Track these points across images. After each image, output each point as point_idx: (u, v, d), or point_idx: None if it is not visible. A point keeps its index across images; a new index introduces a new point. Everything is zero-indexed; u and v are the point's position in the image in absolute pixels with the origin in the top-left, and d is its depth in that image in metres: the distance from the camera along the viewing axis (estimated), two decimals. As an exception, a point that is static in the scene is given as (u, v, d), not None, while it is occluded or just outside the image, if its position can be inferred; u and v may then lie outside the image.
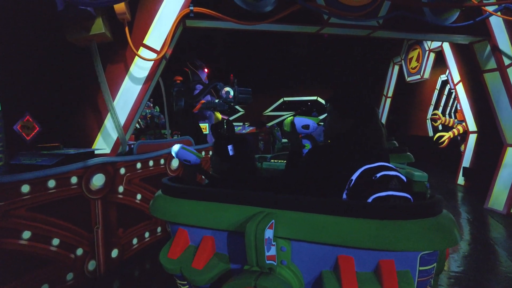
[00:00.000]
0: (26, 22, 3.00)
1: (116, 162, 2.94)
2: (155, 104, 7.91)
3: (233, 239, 1.38)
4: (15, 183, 2.19)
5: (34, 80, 3.06)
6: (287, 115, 12.55)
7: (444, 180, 7.09)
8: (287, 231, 1.25)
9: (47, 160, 2.53)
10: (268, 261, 1.20)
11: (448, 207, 4.94)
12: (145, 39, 3.40)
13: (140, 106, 3.45)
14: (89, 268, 2.72)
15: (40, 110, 2.95)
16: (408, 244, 1.10)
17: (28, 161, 2.53)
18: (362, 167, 1.30)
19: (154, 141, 3.75)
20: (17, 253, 2.22)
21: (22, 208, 2.24)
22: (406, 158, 3.91)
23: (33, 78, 3.04)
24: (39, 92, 3.09)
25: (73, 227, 2.59)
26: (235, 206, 1.37)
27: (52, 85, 3.18)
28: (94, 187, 2.74)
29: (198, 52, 7.76)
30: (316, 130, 1.72)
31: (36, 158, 2.56)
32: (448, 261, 3.11)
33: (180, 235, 1.48)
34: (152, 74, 3.44)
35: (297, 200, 1.28)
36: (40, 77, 3.09)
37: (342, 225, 1.17)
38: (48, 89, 3.17)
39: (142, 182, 3.26)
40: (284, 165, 2.92)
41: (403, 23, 4.41)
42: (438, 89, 9.16)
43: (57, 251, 2.47)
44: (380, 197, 1.20)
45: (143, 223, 3.31)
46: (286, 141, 7.08)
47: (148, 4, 3.42)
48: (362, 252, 1.17)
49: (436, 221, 1.14)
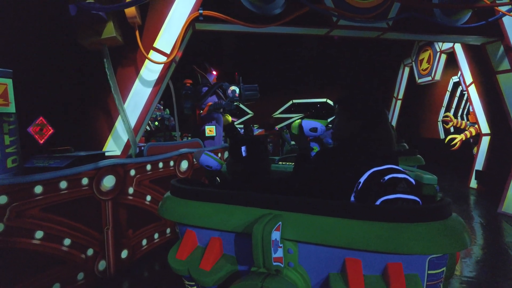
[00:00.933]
0: (39, 27, 3.07)
1: (126, 163, 2.98)
2: (165, 107, 7.99)
3: (241, 241, 1.39)
4: (29, 184, 2.24)
5: (47, 83, 3.13)
6: (296, 117, 12.53)
7: (456, 183, 6.97)
8: (294, 233, 1.25)
9: (59, 162, 2.59)
10: (275, 263, 1.20)
11: (460, 211, 4.87)
12: (155, 43, 3.44)
13: (150, 108, 3.49)
14: (99, 268, 2.76)
15: (52, 113, 3.01)
16: (416, 247, 1.09)
17: (41, 164, 2.59)
18: (370, 170, 1.29)
19: (164, 143, 3.80)
20: (30, 253, 2.27)
21: (35, 208, 2.29)
22: (416, 160, 3.87)
23: (46, 81, 3.11)
24: (51, 95, 3.16)
25: (84, 227, 2.64)
26: (243, 208, 1.38)
27: (64, 88, 3.25)
28: (104, 188, 2.78)
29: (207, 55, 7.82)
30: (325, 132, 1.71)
31: (49, 161, 2.62)
32: (460, 266, 3.06)
33: (188, 236, 1.49)
34: (162, 77, 3.48)
35: (304, 202, 1.28)
36: (53, 80, 3.16)
37: (350, 227, 1.17)
38: (61, 92, 3.24)
39: (152, 184, 3.29)
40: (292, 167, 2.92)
41: (413, 24, 4.37)
42: (449, 91, 9.02)
43: (68, 251, 2.51)
44: (388, 199, 1.19)
45: (153, 224, 3.34)
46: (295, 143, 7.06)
47: (158, 8, 3.46)
48: (370, 255, 1.17)
49: (445, 224, 1.12)
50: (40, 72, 3.09)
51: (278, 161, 3.28)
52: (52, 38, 3.15)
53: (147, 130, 7.14)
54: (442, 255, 1.16)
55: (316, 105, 12.89)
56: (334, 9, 3.95)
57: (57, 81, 3.20)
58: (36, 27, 3.06)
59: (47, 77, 3.13)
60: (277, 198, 1.32)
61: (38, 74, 3.07)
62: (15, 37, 2.96)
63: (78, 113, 3.32)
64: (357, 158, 1.42)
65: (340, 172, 1.43)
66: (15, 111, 2.30)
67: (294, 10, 3.84)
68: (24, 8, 3.01)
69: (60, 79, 3.23)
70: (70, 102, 3.30)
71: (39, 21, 3.08)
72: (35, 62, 3.06)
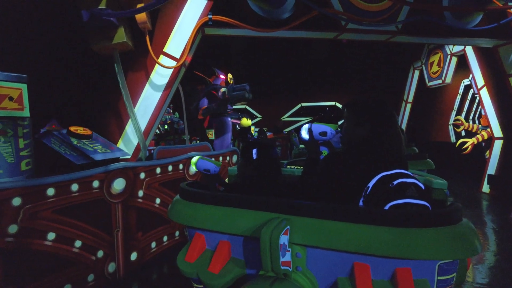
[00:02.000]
0: (52, 33, 3.15)
1: (136, 167, 3.02)
2: (174, 110, 8.07)
3: (249, 244, 1.40)
4: (42, 186, 2.28)
5: (59, 87, 3.19)
6: (304, 121, 12.51)
7: (468, 188, 6.86)
8: (302, 238, 1.26)
9: (75, 157, 2.61)
10: (283, 267, 1.20)
11: (472, 216, 4.78)
12: (165, 47, 3.49)
13: (160, 112, 3.54)
14: (109, 270, 2.79)
15: (64, 117, 3.07)
16: (425, 253, 1.08)
17: (57, 147, 2.60)
18: (379, 175, 1.28)
19: (173, 147, 3.83)
20: (42, 254, 2.31)
21: (47, 210, 2.33)
22: (426, 164, 3.82)
23: (58, 86, 3.18)
24: (63, 99, 3.23)
25: (95, 229, 2.67)
26: (251, 211, 1.39)
27: (76, 92, 3.31)
28: (115, 191, 2.81)
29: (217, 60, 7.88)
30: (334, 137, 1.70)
31: (65, 148, 2.62)
32: (472, 272, 3.00)
33: (197, 239, 1.50)
34: (172, 81, 3.52)
35: (312, 207, 1.28)
36: (65, 85, 3.23)
37: (358, 232, 1.17)
38: (73, 96, 3.30)
39: (161, 187, 3.33)
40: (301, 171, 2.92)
41: (423, 27, 4.34)
42: (460, 94, 8.91)
43: (79, 253, 2.55)
44: (397, 204, 1.19)
45: (162, 227, 3.37)
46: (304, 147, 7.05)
47: (168, 13, 3.52)
48: (379, 260, 1.16)
49: (455, 229, 1.11)
50: (52, 77, 3.16)
51: (287, 165, 3.28)
52: (64, 44, 3.22)
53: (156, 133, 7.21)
54: (452, 261, 1.15)
55: (325, 108, 12.84)
56: (343, 13, 3.95)
57: (69, 85, 3.27)
58: (49, 33, 3.13)
59: (60, 81, 3.20)
60: (285, 202, 1.33)
61: (50, 79, 3.14)
62: (29, 42, 3.04)
63: (90, 116, 3.38)
64: (364, 162, 1.42)
65: (347, 177, 1.43)
66: (29, 115, 2.36)
67: (303, 14, 3.86)
68: (38, 14, 3.09)
69: (72, 84, 3.30)
70: (82, 106, 3.37)
71: (52, 27, 3.15)
72: (48, 67, 3.13)
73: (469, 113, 8.60)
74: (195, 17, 3.59)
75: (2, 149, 2.16)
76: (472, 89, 7.98)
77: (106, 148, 2.96)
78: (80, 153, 2.67)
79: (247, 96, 5.03)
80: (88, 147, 2.79)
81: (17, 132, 2.25)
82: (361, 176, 1.36)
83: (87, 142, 2.83)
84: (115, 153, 3.00)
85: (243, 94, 4.99)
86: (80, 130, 2.86)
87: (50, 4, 3.17)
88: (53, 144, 2.62)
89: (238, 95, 4.98)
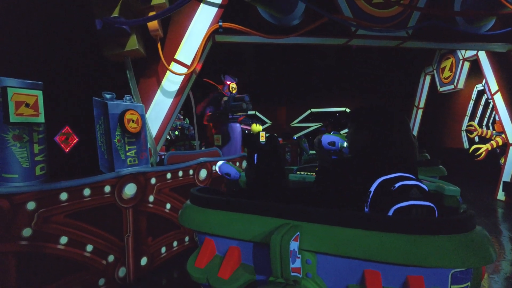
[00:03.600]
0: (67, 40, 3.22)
1: (147, 172, 3.05)
2: (185, 116, 8.14)
3: (259, 250, 1.39)
4: (55, 191, 2.33)
5: (72, 94, 3.26)
6: (314, 126, 12.46)
7: (483, 195, 6.71)
8: (312, 244, 1.25)
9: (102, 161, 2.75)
10: (293, 273, 1.20)
11: (487, 224, 4.67)
12: (176, 54, 3.54)
13: (171, 118, 3.58)
14: (120, 274, 2.81)
15: (78, 122, 3.13)
16: (438, 260, 1.06)
17: (99, 132, 2.79)
18: (378, 179, 1.28)
19: (183, 152, 3.86)
20: (55, 257, 2.34)
21: (60, 215, 2.37)
22: (438, 171, 3.76)
23: (72, 92, 3.25)
24: (77, 105, 3.29)
25: (106, 234, 2.70)
26: (261, 217, 1.39)
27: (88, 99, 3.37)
28: (126, 196, 2.85)
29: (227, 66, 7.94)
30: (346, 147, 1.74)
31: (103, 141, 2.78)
32: (488, 282, 2.93)
33: (207, 244, 1.51)
34: (182, 88, 3.57)
35: (322, 213, 1.27)
36: (78, 91, 3.29)
37: (369, 239, 1.16)
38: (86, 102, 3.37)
39: (172, 192, 3.35)
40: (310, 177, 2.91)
41: (434, 32, 4.31)
42: (473, 99, 8.77)
43: (90, 257, 2.58)
44: (401, 207, 1.18)
45: (172, 232, 3.39)
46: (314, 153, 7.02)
47: (180, 21, 3.57)
48: (390, 267, 1.15)
49: (469, 237, 1.09)
50: (66, 83, 3.23)
51: (297, 171, 3.28)
52: (78, 51, 3.30)
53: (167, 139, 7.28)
54: (466, 269, 1.13)
55: (335, 114, 12.77)
56: (353, 19, 3.96)
57: (82, 91, 3.33)
58: (64, 41, 3.21)
59: (73, 87, 3.27)
60: (295, 209, 1.33)
61: (65, 85, 3.21)
62: (45, 50, 3.12)
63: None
64: (365, 168, 1.42)
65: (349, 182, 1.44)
66: (44, 121, 2.41)
67: (312, 20, 3.87)
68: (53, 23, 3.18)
69: (85, 90, 3.36)
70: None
71: (67, 35, 3.23)
72: (62, 74, 3.21)
73: (483, 118, 8.45)
74: (206, 25, 3.64)
75: (18, 154, 2.21)
76: (485, 94, 7.84)
77: (137, 157, 3.01)
78: (110, 159, 2.75)
79: (245, 107, 5.08)
80: (121, 153, 2.85)
81: (32, 138, 2.31)
82: (361, 181, 1.36)
83: (127, 141, 2.88)
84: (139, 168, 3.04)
85: (241, 105, 5.08)
86: (132, 122, 2.89)
87: (65, 13, 3.26)
88: (98, 125, 2.74)
89: (236, 105, 5.08)
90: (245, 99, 5.09)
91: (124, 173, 2.82)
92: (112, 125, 2.75)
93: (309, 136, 12.03)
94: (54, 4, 3.20)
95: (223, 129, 5.30)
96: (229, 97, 5.07)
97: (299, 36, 4.00)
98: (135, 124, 2.91)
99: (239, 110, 5.14)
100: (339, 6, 4.06)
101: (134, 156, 2.95)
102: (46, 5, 3.16)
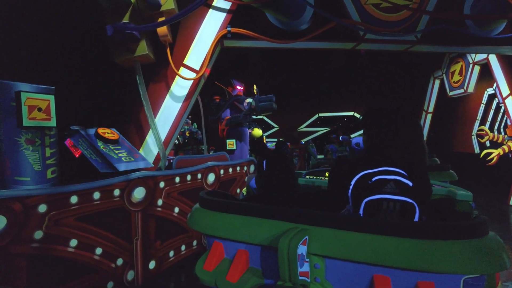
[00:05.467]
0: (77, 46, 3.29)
1: (156, 176, 3.07)
2: (193, 121, 8.19)
3: (267, 254, 1.39)
4: (66, 194, 2.36)
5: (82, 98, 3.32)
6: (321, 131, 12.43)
7: (495, 201, 6.58)
8: (321, 248, 1.24)
9: (100, 164, 2.68)
10: (301, 277, 1.19)
11: (499, 230, 4.58)
12: (185, 59, 3.58)
13: (180, 122, 3.61)
14: (128, 278, 2.82)
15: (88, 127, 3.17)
16: (449, 266, 1.05)
17: (84, 150, 2.70)
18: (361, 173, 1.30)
19: (192, 156, 3.89)
20: (64, 260, 2.37)
21: (70, 218, 2.40)
22: (448, 176, 3.71)
23: (83, 97, 3.30)
24: (87, 109, 3.35)
25: (115, 237, 2.72)
26: (269, 221, 1.39)
27: (99, 103, 3.43)
28: (135, 200, 2.87)
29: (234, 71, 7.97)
30: None
31: (91, 153, 2.70)
32: (501, 290, 2.86)
33: (215, 247, 1.51)
34: (191, 93, 3.60)
35: (331, 217, 1.27)
36: (89, 96, 3.35)
37: (379, 243, 1.15)
38: (96, 106, 3.42)
39: (180, 196, 3.36)
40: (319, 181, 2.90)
41: (444, 36, 4.27)
42: (484, 103, 8.64)
43: (99, 260, 2.59)
44: (371, 200, 1.18)
45: (180, 236, 3.39)
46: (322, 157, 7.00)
47: (189, 26, 3.61)
48: (400, 272, 1.13)
49: (482, 243, 1.08)
50: (77, 88, 3.28)
51: (305, 175, 3.27)
52: (89, 57, 3.36)
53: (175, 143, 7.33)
54: (478, 276, 1.11)
55: (343, 118, 12.70)
56: (361, 23, 3.95)
57: (92, 96, 3.39)
58: (74, 47, 3.28)
59: (83, 92, 3.33)
60: (304, 212, 1.32)
61: (75, 90, 3.27)
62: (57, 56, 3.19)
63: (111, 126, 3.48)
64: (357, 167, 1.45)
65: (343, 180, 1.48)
66: (55, 125, 2.45)
67: (320, 25, 3.88)
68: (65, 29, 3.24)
69: (95, 95, 3.42)
70: (104, 116, 3.47)
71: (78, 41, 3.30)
72: (73, 79, 3.27)
73: (494, 123, 8.32)
74: (214, 30, 3.68)
75: (30, 158, 2.25)
76: (496, 98, 7.73)
77: (131, 156, 3.01)
78: (105, 160, 2.74)
79: (274, 107, 5.08)
80: (113, 154, 2.85)
81: (44, 141, 2.35)
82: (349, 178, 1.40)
83: (112, 148, 2.90)
84: (138, 163, 3.05)
85: (271, 105, 5.04)
86: (108, 133, 2.92)
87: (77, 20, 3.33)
88: (80, 146, 2.71)
89: (265, 105, 5.02)
90: (272, 99, 5.05)
91: (133, 176, 2.84)
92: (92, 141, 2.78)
93: (317, 140, 11.98)
94: (66, 11, 3.27)
95: (236, 133, 5.30)
96: (255, 98, 5.06)
97: (307, 41, 4.01)
98: (111, 134, 2.96)
99: (269, 109, 5.09)
100: (347, 11, 4.06)
101: (127, 156, 2.97)
102: (58, 13, 3.23)
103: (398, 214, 1.25)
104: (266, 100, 4.99)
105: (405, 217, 1.25)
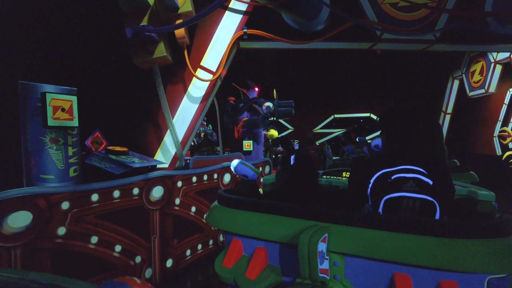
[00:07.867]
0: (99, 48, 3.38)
1: (174, 175, 3.12)
2: (208, 122, 8.26)
3: (286, 252, 1.39)
4: (87, 192, 2.43)
5: (104, 100, 3.40)
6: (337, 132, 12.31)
7: (518, 204, 6.36)
8: (340, 246, 1.24)
9: (115, 168, 2.76)
10: (321, 275, 1.19)
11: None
12: (202, 61, 3.63)
13: (197, 123, 3.65)
14: (146, 275, 2.87)
15: (108, 127, 3.25)
16: (473, 265, 1.03)
17: (98, 164, 2.78)
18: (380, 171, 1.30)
19: (208, 157, 3.93)
20: (86, 256, 2.43)
21: (91, 215, 2.46)
22: (469, 177, 3.62)
23: (102, 98, 3.39)
24: (107, 110, 3.43)
25: (134, 235, 2.78)
26: (288, 218, 1.39)
27: (119, 105, 3.51)
28: (153, 199, 2.92)
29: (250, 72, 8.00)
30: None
31: (105, 163, 2.80)
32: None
33: (234, 245, 1.53)
34: (208, 94, 3.64)
35: (351, 215, 1.26)
36: (109, 98, 3.44)
37: (399, 241, 1.13)
38: (116, 108, 3.50)
39: (197, 195, 3.40)
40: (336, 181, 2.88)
41: (463, 35, 4.18)
42: (506, 104, 8.37)
43: (119, 257, 2.65)
44: (391, 198, 1.17)
45: (197, 235, 3.43)
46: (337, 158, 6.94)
47: (205, 28, 3.66)
48: (421, 271, 1.12)
49: (507, 242, 1.05)
50: (98, 89, 3.38)
51: (322, 175, 3.25)
52: (109, 59, 3.44)
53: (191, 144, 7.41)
54: (504, 276, 1.08)
55: (359, 120, 12.53)
56: (378, 23, 3.91)
57: (112, 97, 3.47)
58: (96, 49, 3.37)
59: (104, 93, 3.41)
60: (323, 210, 1.32)
61: (96, 91, 3.36)
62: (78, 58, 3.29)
63: (131, 127, 3.56)
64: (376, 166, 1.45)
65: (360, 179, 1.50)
66: (77, 125, 2.53)
67: (337, 25, 3.86)
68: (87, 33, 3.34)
69: (115, 96, 3.50)
70: (124, 117, 3.55)
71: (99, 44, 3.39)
72: (95, 80, 3.36)
73: (517, 124, 8.06)
74: (231, 32, 3.71)
75: (54, 156, 2.33)
76: (519, 98, 7.50)
77: (143, 160, 3.10)
78: (119, 164, 2.83)
79: (293, 113, 5.20)
80: (126, 160, 2.95)
81: (67, 141, 2.42)
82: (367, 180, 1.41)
83: (124, 157, 3.01)
84: (151, 162, 3.13)
85: (290, 111, 5.17)
86: (117, 148, 3.05)
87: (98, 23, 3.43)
88: (93, 162, 2.81)
89: (285, 111, 5.14)
90: (292, 105, 5.19)
91: (152, 176, 2.89)
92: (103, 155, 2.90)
93: (332, 142, 11.88)
94: (88, 16, 3.37)
95: (252, 135, 5.34)
96: (275, 102, 5.13)
97: (324, 41, 3.99)
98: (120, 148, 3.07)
99: (288, 115, 5.24)
100: (363, 11, 4.03)
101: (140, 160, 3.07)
102: (80, 17, 3.33)
103: (418, 212, 1.24)
104: (285, 105, 5.08)
105: (425, 215, 1.24)
